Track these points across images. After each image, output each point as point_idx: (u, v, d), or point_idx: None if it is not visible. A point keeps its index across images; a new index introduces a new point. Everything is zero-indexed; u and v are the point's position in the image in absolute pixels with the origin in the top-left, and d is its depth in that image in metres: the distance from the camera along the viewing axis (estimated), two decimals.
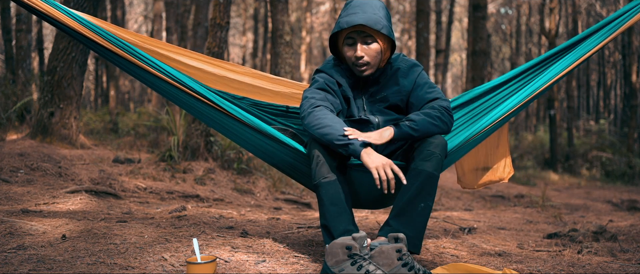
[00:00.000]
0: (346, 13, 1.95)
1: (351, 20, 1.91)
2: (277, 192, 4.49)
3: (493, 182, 2.62)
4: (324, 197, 1.82)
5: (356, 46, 1.95)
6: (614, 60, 18.72)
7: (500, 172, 2.61)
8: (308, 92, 1.99)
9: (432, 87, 2.04)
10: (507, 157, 2.62)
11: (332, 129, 1.81)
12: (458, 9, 22.38)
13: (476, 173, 2.64)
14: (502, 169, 2.61)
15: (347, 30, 1.96)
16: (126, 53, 2.04)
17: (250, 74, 2.33)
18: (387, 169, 1.74)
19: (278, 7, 6.33)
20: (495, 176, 2.61)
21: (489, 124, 2.20)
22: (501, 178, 2.60)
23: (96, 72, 15.35)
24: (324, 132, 1.81)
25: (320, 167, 1.82)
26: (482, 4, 8.49)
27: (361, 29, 1.94)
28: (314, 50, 25.44)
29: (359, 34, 1.95)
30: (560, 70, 2.31)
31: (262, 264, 1.76)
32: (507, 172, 2.60)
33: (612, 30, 2.30)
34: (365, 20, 1.89)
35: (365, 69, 1.98)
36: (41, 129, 4.72)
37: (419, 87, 2.03)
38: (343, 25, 1.92)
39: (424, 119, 1.90)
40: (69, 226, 2.12)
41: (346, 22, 1.92)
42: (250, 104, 2.30)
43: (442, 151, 1.87)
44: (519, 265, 2.01)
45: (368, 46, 1.95)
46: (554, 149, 11.54)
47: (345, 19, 1.93)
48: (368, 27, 1.92)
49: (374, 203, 2.18)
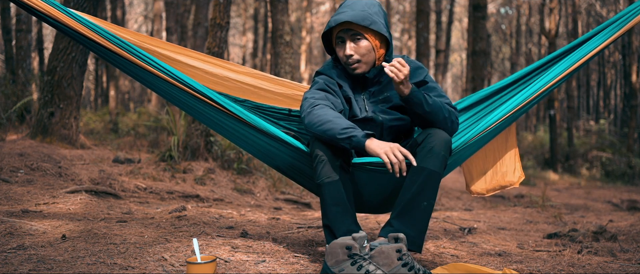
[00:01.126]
0: (336, 12, 1.95)
1: (338, 18, 1.90)
2: (277, 192, 4.49)
3: (503, 187, 2.55)
4: (326, 197, 1.81)
5: (345, 45, 1.94)
6: (614, 60, 18.73)
7: (510, 176, 2.53)
8: (308, 94, 1.98)
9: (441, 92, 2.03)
10: (517, 161, 2.55)
11: (333, 124, 1.79)
12: (458, 9, 22.38)
13: (485, 177, 2.57)
14: (512, 173, 2.53)
15: (336, 30, 1.96)
16: (127, 53, 2.01)
17: (252, 74, 2.30)
18: (395, 152, 1.71)
19: (278, 7, 6.33)
20: (504, 181, 2.54)
21: (493, 123, 2.19)
22: (511, 183, 2.52)
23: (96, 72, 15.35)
24: (325, 129, 1.80)
25: (323, 167, 1.81)
26: (482, 4, 8.49)
27: (349, 27, 1.92)
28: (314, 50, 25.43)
29: (347, 32, 1.93)
30: (562, 71, 2.31)
31: (262, 264, 1.76)
32: (518, 177, 2.52)
33: (613, 31, 2.29)
34: (351, 17, 1.88)
35: (356, 67, 1.96)
36: (41, 129, 4.72)
37: (428, 90, 2.01)
38: (331, 24, 1.93)
39: (439, 102, 1.90)
40: (69, 226, 2.12)
41: (334, 21, 1.92)
42: (252, 107, 2.26)
43: (446, 148, 1.84)
44: (519, 265, 2.01)
45: (356, 44, 1.94)
46: (554, 149, 11.54)
47: (333, 18, 1.93)
48: (355, 24, 1.91)
49: (378, 206, 2.17)
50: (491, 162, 2.58)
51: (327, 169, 1.80)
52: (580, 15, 15.86)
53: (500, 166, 2.57)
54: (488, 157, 2.57)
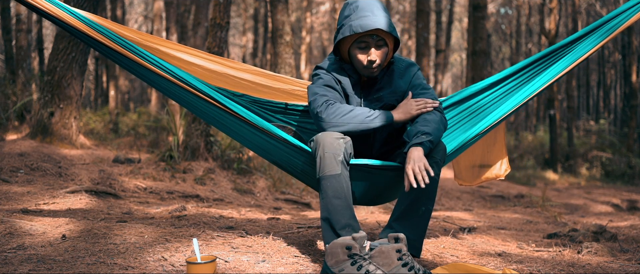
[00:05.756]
0: (357, 16, 1.91)
1: (366, 24, 1.88)
2: (277, 192, 4.49)
3: (490, 179, 2.66)
4: (328, 190, 1.81)
5: (370, 50, 1.94)
6: (614, 60, 18.73)
7: (497, 169, 2.64)
8: (317, 89, 1.98)
9: (426, 88, 2.05)
10: (504, 155, 2.64)
11: (356, 112, 1.89)
12: (458, 9, 22.38)
13: (473, 171, 2.67)
14: (499, 166, 2.64)
15: (360, 34, 1.94)
16: (127, 51, 2.03)
17: (250, 71, 2.33)
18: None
19: (278, 7, 6.33)
20: (492, 174, 2.65)
21: (486, 127, 2.21)
22: (498, 176, 2.64)
23: (96, 72, 15.34)
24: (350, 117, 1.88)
25: (325, 161, 1.81)
26: (482, 4, 8.49)
27: (376, 33, 1.92)
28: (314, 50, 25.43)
29: (373, 38, 1.93)
30: (559, 71, 2.31)
31: (262, 264, 1.76)
32: (504, 170, 2.64)
33: (611, 30, 2.29)
34: (381, 24, 1.89)
35: (376, 70, 1.99)
36: (41, 129, 4.72)
37: (413, 88, 2.05)
38: (357, 30, 1.89)
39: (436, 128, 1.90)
40: (69, 226, 2.12)
41: (360, 26, 1.88)
42: (250, 101, 2.29)
43: (442, 156, 1.90)
44: (519, 265, 2.01)
45: (381, 50, 1.96)
46: (554, 149, 11.53)
47: (357, 23, 1.89)
48: (383, 31, 1.92)
49: (369, 201, 2.20)
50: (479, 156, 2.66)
51: (328, 163, 1.81)
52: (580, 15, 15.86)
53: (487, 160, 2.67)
54: (476, 151, 2.66)
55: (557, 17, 11.35)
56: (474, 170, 2.66)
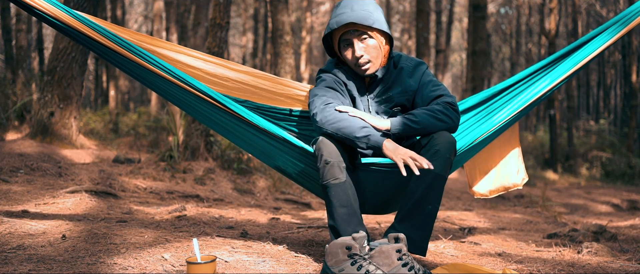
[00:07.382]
0: (335, 14, 1.93)
1: (340, 20, 1.88)
2: (277, 192, 4.49)
3: (507, 188, 2.52)
4: (333, 199, 1.79)
5: (353, 46, 1.92)
6: (614, 60, 18.72)
7: (513, 178, 2.52)
8: (317, 91, 1.96)
9: (437, 84, 1.99)
10: (521, 162, 2.53)
11: (349, 122, 1.79)
12: (458, 9, 22.37)
13: (488, 179, 2.53)
14: (516, 174, 2.52)
15: (339, 32, 1.94)
16: (128, 52, 1.99)
17: (252, 73, 2.27)
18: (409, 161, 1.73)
19: (278, 7, 6.33)
20: (508, 182, 2.52)
21: (496, 124, 2.19)
22: (515, 184, 2.51)
23: (96, 72, 15.34)
24: (340, 126, 1.79)
25: (329, 168, 1.78)
26: (482, 4, 8.49)
27: (354, 28, 1.91)
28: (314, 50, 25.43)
29: (353, 34, 1.92)
30: (564, 72, 2.31)
31: (262, 264, 1.76)
32: (521, 178, 2.51)
33: (614, 32, 2.29)
34: (354, 18, 1.87)
35: (368, 67, 1.95)
36: (41, 129, 4.72)
37: (424, 86, 1.99)
38: (333, 26, 1.90)
39: (425, 112, 1.87)
40: (69, 226, 2.12)
41: (336, 22, 1.89)
42: (253, 107, 2.23)
43: (450, 151, 1.80)
44: (519, 265, 2.01)
45: (365, 43, 1.92)
46: (554, 149, 11.53)
47: (334, 20, 1.91)
48: (359, 25, 1.90)
49: (380, 207, 2.16)
50: (494, 163, 2.54)
51: (332, 170, 1.78)
52: (580, 15, 15.86)
53: (503, 168, 2.53)
54: (491, 158, 2.54)
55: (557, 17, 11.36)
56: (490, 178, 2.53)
